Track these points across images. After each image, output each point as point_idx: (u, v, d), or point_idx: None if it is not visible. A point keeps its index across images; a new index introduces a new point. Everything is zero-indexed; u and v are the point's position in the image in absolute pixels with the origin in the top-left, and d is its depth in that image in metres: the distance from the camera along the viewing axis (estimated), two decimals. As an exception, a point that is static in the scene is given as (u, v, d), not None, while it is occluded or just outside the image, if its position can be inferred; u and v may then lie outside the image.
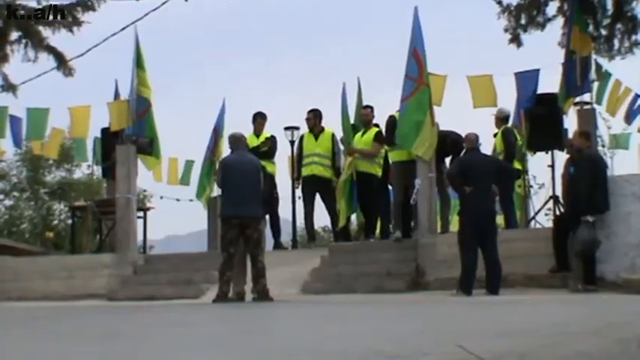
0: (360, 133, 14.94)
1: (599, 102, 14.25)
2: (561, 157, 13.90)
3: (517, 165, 14.21)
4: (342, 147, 15.39)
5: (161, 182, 17.80)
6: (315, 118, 15.23)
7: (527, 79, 13.64)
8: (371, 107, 15.22)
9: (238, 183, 11.67)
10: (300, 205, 23.29)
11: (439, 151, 13.59)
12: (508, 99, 14.95)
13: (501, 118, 14.42)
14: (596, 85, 14.00)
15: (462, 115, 14.44)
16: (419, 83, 13.42)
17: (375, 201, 14.74)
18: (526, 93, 13.96)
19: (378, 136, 14.66)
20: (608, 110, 14.91)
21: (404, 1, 14.47)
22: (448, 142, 13.70)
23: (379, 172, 14.81)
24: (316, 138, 15.05)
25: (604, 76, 14.33)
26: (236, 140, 12.16)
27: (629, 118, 15.55)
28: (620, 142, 18.33)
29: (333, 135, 15.07)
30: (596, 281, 11.49)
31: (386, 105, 14.34)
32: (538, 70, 13.61)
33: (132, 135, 15.32)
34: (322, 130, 15.12)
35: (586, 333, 6.54)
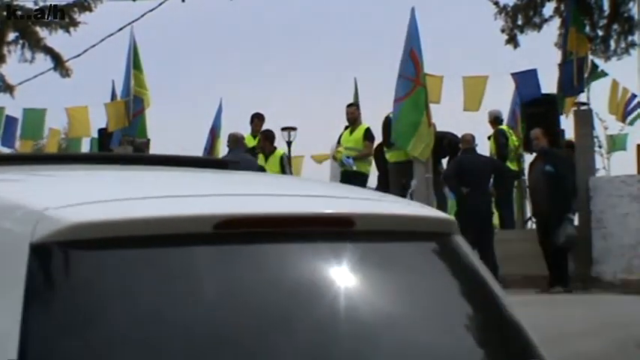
0: (348, 132, 14.73)
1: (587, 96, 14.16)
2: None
3: (512, 166, 14.17)
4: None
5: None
6: (265, 140, 14.55)
7: (525, 80, 13.63)
8: (356, 105, 14.99)
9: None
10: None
11: (436, 152, 13.55)
12: (504, 100, 14.97)
13: (491, 121, 14.43)
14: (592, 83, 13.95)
15: (457, 115, 14.42)
16: (415, 83, 13.40)
17: None
18: (524, 93, 13.95)
19: (367, 134, 14.45)
20: (612, 111, 14.86)
21: (402, 1, 14.45)
22: (445, 143, 13.67)
23: (368, 171, 14.62)
24: (266, 159, 14.37)
25: (599, 75, 14.31)
26: (235, 140, 12.13)
27: (624, 116, 15.53)
28: (617, 143, 18.34)
29: (282, 157, 14.39)
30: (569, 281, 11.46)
31: (383, 105, 14.29)
32: (535, 70, 13.60)
33: (129, 135, 15.30)
34: (273, 151, 14.50)
35: (584, 333, 6.54)
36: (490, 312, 2.15)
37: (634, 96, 15.23)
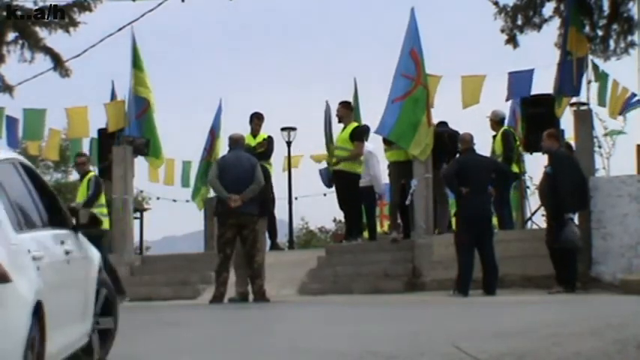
0: (340, 130, 14.75)
1: (601, 104, 14.15)
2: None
3: (515, 168, 14.14)
4: None
5: (157, 183, 17.78)
6: (87, 162, 13.63)
7: (520, 80, 13.62)
8: (344, 102, 14.86)
9: (234, 180, 11.64)
10: (296, 206, 23.30)
11: (438, 149, 13.51)
12: (504, 99, 14.93)
13: (497, 121, 14.32)
14: (595, 86, 13.91)
15: (456, 115, 14.39)
16: (416, 82, 13.40)
17: (358, 200, 14.51)
18: (519, 93, 13.95)
19: (355, 134, 14.36)
20: (611, 112, 14.82)
21: (402, 1, 14.43)
22: (446, 137, 13.62)
23: (356, 171, 14.56)
24: (81, 179, 13.36)
25: (601, 76, 14.29)
26: (234, 141, 12.18)
27: (621, 112, 15.48)
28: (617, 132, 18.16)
29: (89, 179, 12.92)
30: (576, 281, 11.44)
31: (382, 104, 14.19)
32: (532, 71, 13.59)
33: (129, 136, 15.29)
34: (87, 172, 13.21)
35: (583, 334, 6.54)
36: None
37: (633, 95, 15.22)
